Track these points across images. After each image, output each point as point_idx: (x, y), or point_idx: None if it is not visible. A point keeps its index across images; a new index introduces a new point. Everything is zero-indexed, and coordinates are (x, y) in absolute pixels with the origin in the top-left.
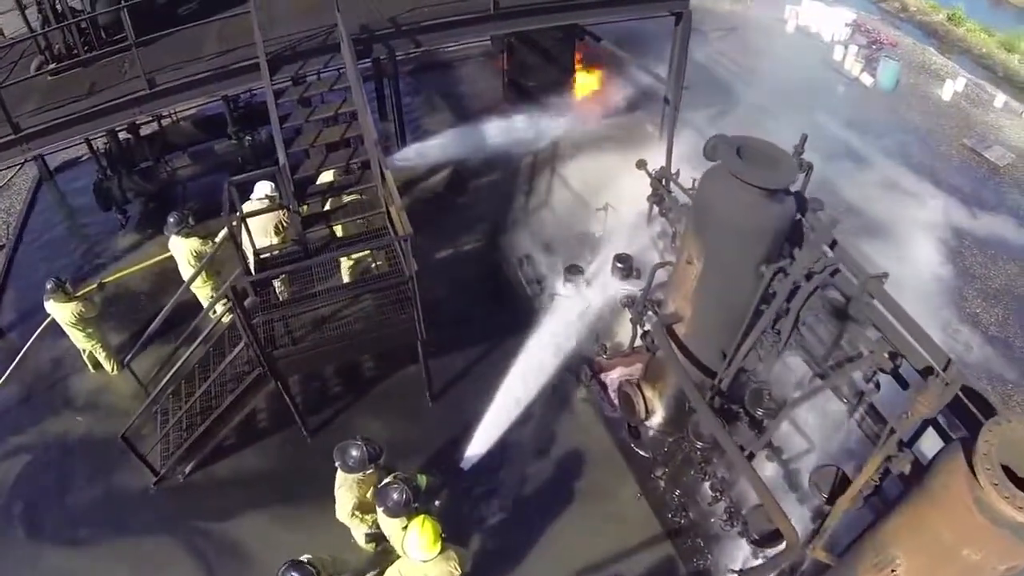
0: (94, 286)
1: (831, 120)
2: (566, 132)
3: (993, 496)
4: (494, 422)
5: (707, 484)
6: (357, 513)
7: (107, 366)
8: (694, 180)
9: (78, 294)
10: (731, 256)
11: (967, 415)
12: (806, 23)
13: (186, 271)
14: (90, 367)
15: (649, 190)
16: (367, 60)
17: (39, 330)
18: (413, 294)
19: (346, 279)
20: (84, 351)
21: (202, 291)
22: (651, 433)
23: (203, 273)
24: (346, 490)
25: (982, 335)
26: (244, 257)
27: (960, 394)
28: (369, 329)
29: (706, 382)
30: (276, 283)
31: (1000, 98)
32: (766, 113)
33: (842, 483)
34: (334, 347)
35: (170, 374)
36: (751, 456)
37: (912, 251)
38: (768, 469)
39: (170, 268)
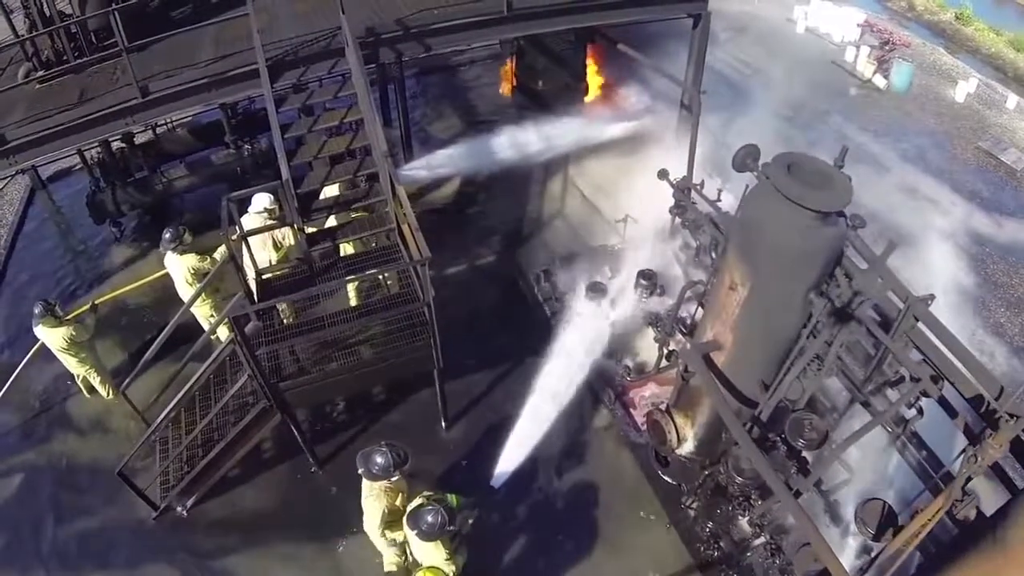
0: (87, 307)
1: (846, 123)
2: (579, 138)
3: None
4: (514, 449)
5: (745, 519)
6: (387, 533)
7: (102, 391)
8: (719, 191)
9: (69, 316)
10: (781, 282)
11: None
12: (815, 24)
13: (183, 289)
14: (85, 392)
15: (670, 200)
16: (373, 65)
17: (28, 356)
18: (430, 321)
19: (353, 298)
20: (78, 376)
21: (201, 309)
22: (681, 460)
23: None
24: (373, 500)
25: (1007, 346)
26: (245, 279)
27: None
28: (382, 358)
29: (744, 411)
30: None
31: (1012, 99)
32: (780, 117)
33: (888, 517)
34: (344, 378)
35: (169, 406)
36: (798, 494)
37: (934, 258)
38: (807, 498)
39: (168, 283)
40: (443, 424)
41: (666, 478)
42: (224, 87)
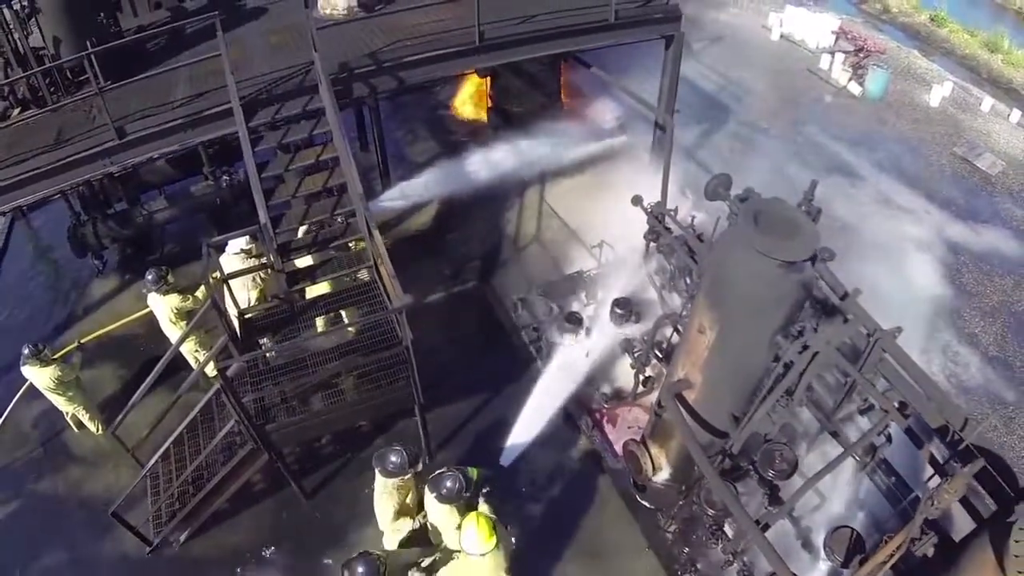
0: (73, 346)
1: (820, 133)
2: (554, 161)
3: None
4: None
5: (719, 547)
6: (396, 526)
7: (91, 427)
8: (692, 217)
9: (56, 356)
10: (747, 327)
11: (988, 478)
12: (790, 31)
13: (167, 327)
14: (74, 427)
15: (645, 224)
16: (347, 99)
17: (17, 396)
18: (410, 362)
19: (320, 326)
20: (67, 413)
21: (186, 345)
22: (658, 486)
23: (183, 324)
24: (387, 496)
25: (981, 355)
26: (228, 321)
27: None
28: (364, 398)
29: (716, 442)
30: (263, 340)
31: (987, 102)
32: (755, 128)
33: (856, 544)
34: (329, 417)
35: (159, 452)
36: (766, 527)
37: (908, 269)
38: (778, 525)
39: (152, 318)
40: (427, 458)
41: (644, 503)
42: (200, 127)
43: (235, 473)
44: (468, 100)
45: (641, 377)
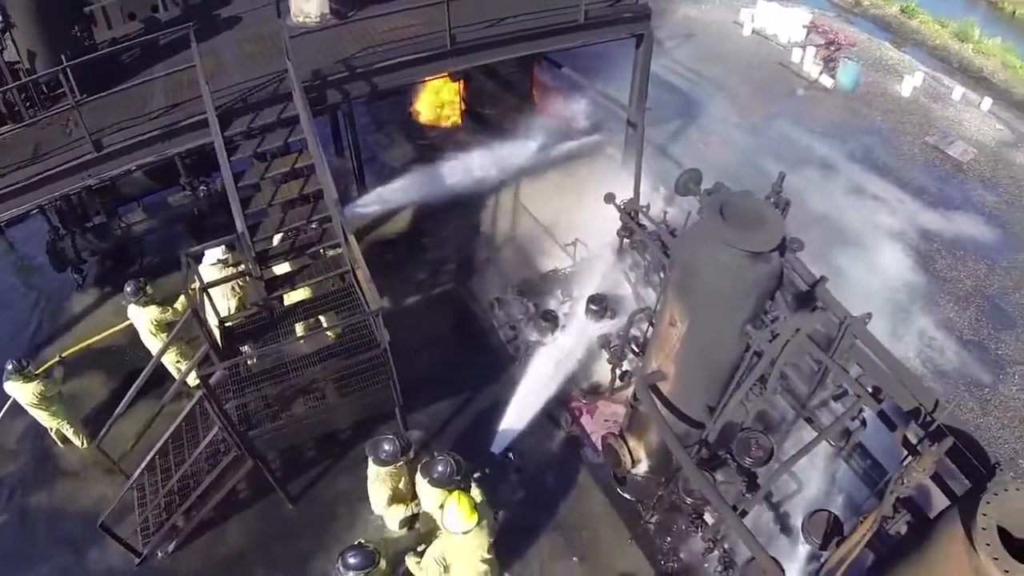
0: (55, 361)
1: (793, 126)
2: (528, 162)
3: (993, 569)
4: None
5: (699, 535)
6: (391, 510)
7: (76, 441)
8: (664, 212)
9: (38, 372)
10: (716, 318)
11: (960, 456)
12: (762, 25)
13: (148, 339)
14: (58, 443)
15: (618, 221)
16: (322, 106)
17: (1, 413)
18: (388, 364)
19: (300, 332)
20: (51, 429)
21: (168, 356)
22: (638, 479)
23: (164, 336)
24: (380, 484)
25: (957, 340)
26: (209, 330)
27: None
28: (346, 402)
29: (692, 433)
30: (244, 347)
31: (958, 91)
32: (728, 123)
33: (834, 526)
34: (311, 421)
35: (143, 463)
36: (743, 513)
37: (882, 258)
38: (757, 510)
39: (132, 331)
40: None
41: (625, 496)
42: (177, 137)
43: (221, 481)
44: (441, 103)
45: (618, 372)
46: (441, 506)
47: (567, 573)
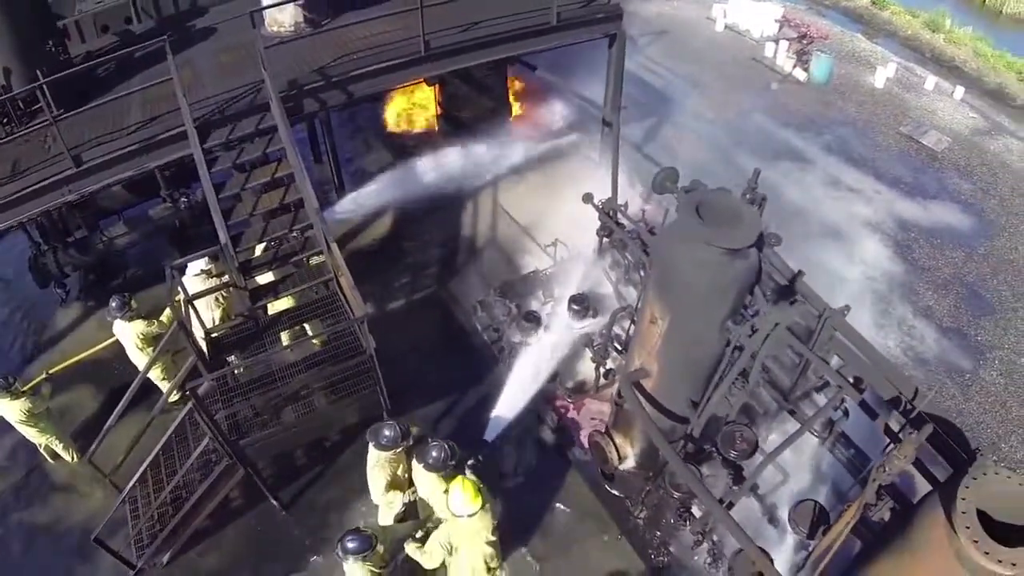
0: (42, 377)
1: (768, 120)
2: (505, 164)
3: (973, 551)
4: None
5: (688, 528)
6: (388, 497)
7: (66, 456)
8: (643, 211)
9: (24, 389)
10: (696, 315)
11: (942, 443)
12: (734, 21)
13: (134, 354)
14: (48, 458)
15: (597, 221)
16: (299, 116)
17: None
18: (374, 370)
19: (285, 341)
20: (40, 445)
21: (154, 371)
22: (625, 475)
23: (150, 350)
24: (379, 469)
25: (937, 327)
26: (195, 341)
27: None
28: (333, 408)
29: (677, 428)
30: (231, 357)
31: (931, 80)
32: (702, 119)
33: (820, 515)
34: (301, 428)
35: (135, 477)
36: (730, 505)
37: (861, 249)
38: (744, 502)
39: (119, 346)
40: None
41: (613, 492)
42: (156, 151)
43: (213, 490)
44: (417, 108)
45: (602, 370)
46: (445, 491)
47: (557, 572)
